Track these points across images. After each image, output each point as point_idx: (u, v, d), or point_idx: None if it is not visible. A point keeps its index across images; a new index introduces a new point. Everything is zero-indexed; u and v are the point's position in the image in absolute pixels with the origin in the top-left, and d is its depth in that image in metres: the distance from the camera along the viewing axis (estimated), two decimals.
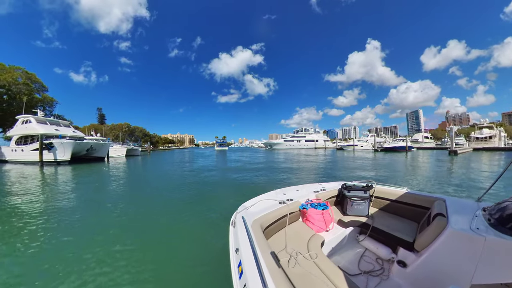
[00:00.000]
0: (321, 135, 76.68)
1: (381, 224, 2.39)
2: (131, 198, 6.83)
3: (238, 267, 1.40)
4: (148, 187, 8.67)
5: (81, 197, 6.85)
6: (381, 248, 2.30)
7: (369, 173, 11.41)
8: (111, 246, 3.30)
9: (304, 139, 70.88)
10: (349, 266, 2.26)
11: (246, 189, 7.77)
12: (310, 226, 2.38)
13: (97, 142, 22.84)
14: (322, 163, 17.49)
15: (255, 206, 2.32)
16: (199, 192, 7.34)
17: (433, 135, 74.42)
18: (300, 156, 27.84)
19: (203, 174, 12.11)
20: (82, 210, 5.38)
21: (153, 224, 4.39)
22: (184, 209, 5.31)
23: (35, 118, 22.10)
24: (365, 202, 2.67)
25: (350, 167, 14.39)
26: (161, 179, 10.79)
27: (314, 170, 13.38)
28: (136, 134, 76.30)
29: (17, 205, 5.88)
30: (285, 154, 36.79)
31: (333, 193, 3.10)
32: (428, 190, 7.00)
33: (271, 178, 10.04)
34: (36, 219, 4.64)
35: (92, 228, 4.18)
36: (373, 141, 51.43)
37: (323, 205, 2.49)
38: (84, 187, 8.81)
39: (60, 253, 3.15)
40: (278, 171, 12.65)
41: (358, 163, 17.47)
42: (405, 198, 2.61)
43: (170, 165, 18.86)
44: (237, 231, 1.76)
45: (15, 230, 4.07)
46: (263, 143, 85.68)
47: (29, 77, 32.53)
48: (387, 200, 2.80)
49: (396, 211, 2.69)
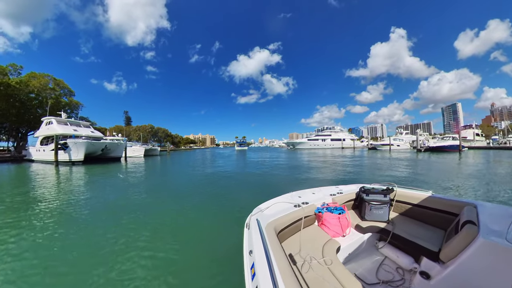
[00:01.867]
0: (348, 133, 70.05)
1: (403, 231, 2.22)
2: (140, 199, 6.56)
3: (251, 269, 1.41)
4: (162, 187, 8.30)
5: (72, 198, 6.63)
6: (402, 257, 2.12)
7: (451, 183, 7.85)
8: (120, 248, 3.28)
9: (330, 138, 64.86)
10: (366, 274, 2.12)
11: (269, 190, 7.40)
12: (326, 230, 2.28)
13: (112, 142, 22.11)
14: (361, 166, 14.08)
15: (269, 209, 2.29)
16: (215, 194, 7.11)
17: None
18: (329, 157, 24.32)
19: (220, 177, 10.84)
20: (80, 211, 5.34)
21: (169, 223, 4.39)
22: (202, 210, 5.29)
23: (56, 119, 22.77)
24: (385, 207, 2.50)
25: (408, 175, 10.71)
26: (176, 179, 10.66)
27: (357, 174, 10.25)
28: (159, 135, 78.52)
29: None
30: (310, 154, 33.36)
31: (350, 196, 2.92)
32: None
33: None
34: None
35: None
36: (410, 140, 45.22)
37: (339, 209, 2.40)
38: (82, 189, 8.25)
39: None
40: (310, 178, 9.78)
41: (409, 167, 13.58)
42: (429, 203, 2.39)
43: (186, 166, 17.47)
44: (251, 234, 1.77)
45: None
46: (284, 142, 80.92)
47: (57, 83, 34.86)
48: (410, 204, 2.60)
49: (419, 217, 2.47)
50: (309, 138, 67.01)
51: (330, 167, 14.45)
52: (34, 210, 5.34)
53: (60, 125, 22.07)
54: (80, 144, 18.81)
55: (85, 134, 22.24)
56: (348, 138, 65.48)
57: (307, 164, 16.61)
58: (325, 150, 48.92)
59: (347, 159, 21.20)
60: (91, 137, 22.37)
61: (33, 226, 4.22)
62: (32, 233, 3.88)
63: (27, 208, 5.50)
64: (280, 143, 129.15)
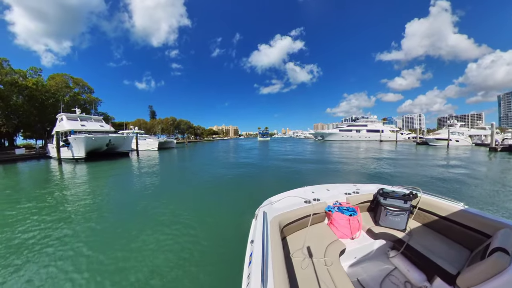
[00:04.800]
0: (384, 124, 60.05)
1: (420, 244, 1.99)
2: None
3: (249, 256, 1.54)
4: (151, 198, 6.86)
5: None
6: (413, 271, 1.97)
7: None
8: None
9: (366, 129, 56.15)
10: (370, 281, 2.07)
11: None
12: (333, 230, 2.24)
13: (117, 136, 20.10)
14: (437, 178, 8.55)
15: (279, 202, 2.34)
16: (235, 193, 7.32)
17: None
18: (371, 153, 19.01)
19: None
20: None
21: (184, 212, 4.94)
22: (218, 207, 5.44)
23: (67, 115, 22.12)
24: (403, 214, 2.23)
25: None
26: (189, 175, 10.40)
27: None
28: (181, 127, 78.95)
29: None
30: (343, 148, 28.21)
31: (366, 197, 2.69)
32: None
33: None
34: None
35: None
36: (467, 134, 35.31)
37: (351, 210, 2.29)
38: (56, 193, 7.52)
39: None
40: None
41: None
42: (459, 217, 2.02)
43: (200, 164, 14.71)
44: (257, 224, 1.86)
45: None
46: (311, 133, 73.70)
47: (76, 81, 36.41)
48: (434, 215, 2.23)
49: (442, 231, 2.14)
50: (341, 128, 59.06)
51: (386, 170, 9.37)
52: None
53: (69, 121, 21.16)
54: (79, 140, 17.18)
55: (92, 129, 20.84)
56: (387, 130, 56.07)
57: (346, 165, 11.68)
58: (359, 143, 42.37)
59: (396, 157, 15.73)
60: (98, 132, 20.98)
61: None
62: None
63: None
64: (306, 134, 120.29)
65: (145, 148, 30.02)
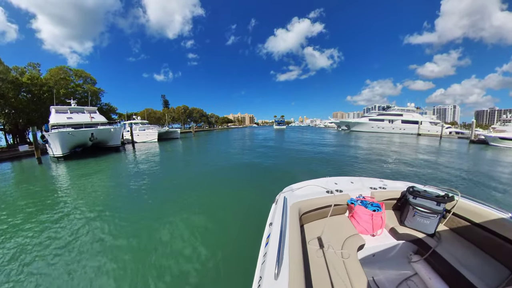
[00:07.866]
0: (421, 115, 49.71)
1: (449, 252, 1.80)
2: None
3: (267, 237, 1.59)
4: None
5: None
6: (436, 281, 1.81)
7: None
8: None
9: (401, 119, 47.96)
10: (386, 283, 2.01)
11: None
12: (354, 224, 2.16)
13: (100, 129, 17.20)
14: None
15: (301, 190, 2.37)
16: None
17: None
18: (412, 149, 12.68)
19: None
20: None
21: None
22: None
23: (56, 108, 19.92)
24: (433, 217, 2.02)
25: None
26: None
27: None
28: (193, 115, 76.73)
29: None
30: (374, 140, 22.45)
31: (393, 194, 2.53)
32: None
33: None
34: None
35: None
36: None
37: (375, 206, 2.18)
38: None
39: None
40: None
41: None
42: (502, 229, 1.67)
43: (198, 159, 11.93)
44: (277, 209, 1.95)
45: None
46: (335, 121, 63.64)
47: (77, 73, 34.95)
48: (471, 222, 1.94)
49: (479, 242, 1.84)
50: (371, 118, 51.21)
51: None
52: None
53: (57, 114, 18.75)
54: (53, 136, 14.60)
55: (79, 122, 18.23)
56: (427, 121, 47.00)
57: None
58: (392, 136, 36.12)
59: (460, 163, 9.62)
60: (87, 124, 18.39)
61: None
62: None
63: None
64: (326, 123, 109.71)
65: (144, 140, 27.45)
